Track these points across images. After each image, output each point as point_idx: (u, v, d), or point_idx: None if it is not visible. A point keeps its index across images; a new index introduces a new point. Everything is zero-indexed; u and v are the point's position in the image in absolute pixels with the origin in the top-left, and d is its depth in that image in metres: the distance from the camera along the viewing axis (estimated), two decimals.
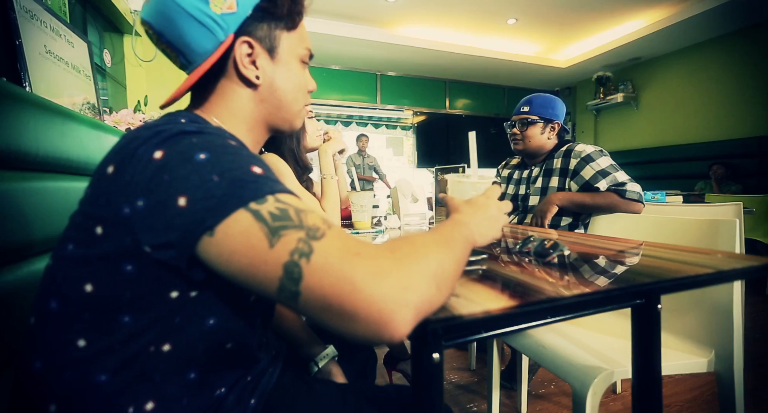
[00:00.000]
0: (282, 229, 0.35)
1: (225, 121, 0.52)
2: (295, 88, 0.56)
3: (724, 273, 0.54)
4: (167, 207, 0.36)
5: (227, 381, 0.48)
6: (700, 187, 3.74)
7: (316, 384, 0.63)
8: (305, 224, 0.36)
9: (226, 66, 0.51)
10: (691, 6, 3.54)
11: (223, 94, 0.53)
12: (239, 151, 0.40)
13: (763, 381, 1.49)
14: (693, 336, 0.89)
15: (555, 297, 0.44)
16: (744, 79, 3.77)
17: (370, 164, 4.81)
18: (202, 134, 0.40)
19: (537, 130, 1.47)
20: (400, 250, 0.36)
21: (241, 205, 0.35)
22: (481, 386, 1.53)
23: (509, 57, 4.60)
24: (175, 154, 0.38)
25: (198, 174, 0.36)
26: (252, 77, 0.52)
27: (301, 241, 0.34)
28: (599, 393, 0.75)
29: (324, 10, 3.59)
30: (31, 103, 0.68)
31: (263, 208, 0.36)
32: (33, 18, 1.15)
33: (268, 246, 0.34)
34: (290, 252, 0.33)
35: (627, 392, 1.43)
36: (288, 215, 0.36)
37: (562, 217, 1.39)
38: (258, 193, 0.37)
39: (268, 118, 0.56)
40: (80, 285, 0.39)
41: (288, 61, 0.55)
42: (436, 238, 0.41)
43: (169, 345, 0.41)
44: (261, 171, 0.39)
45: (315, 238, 0.34)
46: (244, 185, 0.37)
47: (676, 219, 0.99)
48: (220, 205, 0.35)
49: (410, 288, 0.33)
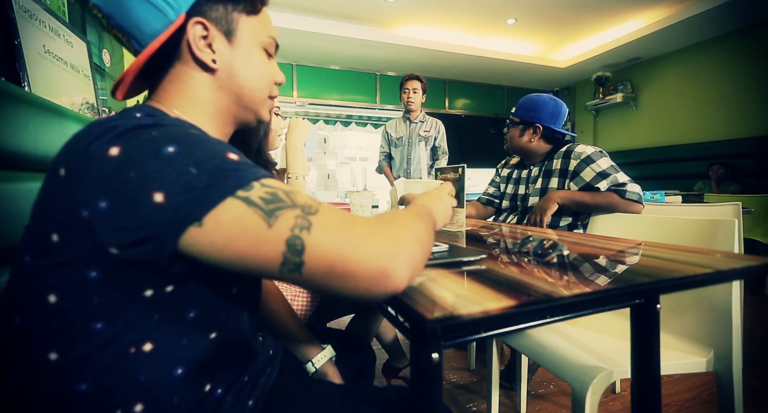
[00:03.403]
0: (277, 210, 0.36)
1: (186, 112, 0.50)
2: (256, 75, 0.54)
3: (723, 273, 0.54)
4: (140, 205, 0.34)
5: (222, 379, 0.47)
6: (699, 186, 3.74)
7: (314, 385, 0.62)
8: (298, 203, 0.37)
9: (181, 50, 0.49)
10: (690, 6, 3.54)
11: (180, 81, 0.50)
12: (207, 139, 0.40)
13: (762, 380, 1.49)
14: (692, 336, 0.89)
15: (554, 297, 0.44)
16: (743, 79, 3.78)
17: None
18: (161, 126, 0.39)
19: (516, 132, 1.50)
20: (386, 219, 0.41)
21: (228, 194, 0.35)
22: (480, 386, 1.53)
23: (509, 57, 4.60)
24: (137, 149, 0.36)
25: (172, 167, 0.35)
26: (208, 60, 0.49)
27: (299, 218, 0.36)
28: (598, 393, 0.75)
29: (323, 10, 3.59)
30: (30, 103, 0.68)
31: (252, 194, 0.36)
32: (32, 18, 1.15)
33: (267, 227, 0.35)
34: (290, 227, 0.35)
35: (626, 392, 1.43)
36: (279, 197, 0.37)
37: (562, 217, 1.39)
38: (242, 181, 0.37)
39: (231, 107, 0.54)
40: (43, 297, 0.38)
41: (248, 46, 0.52)
42: (411, 213, 0.47)
43: (151, 344, 0.40)
44: (237, 157, 0.39)
45: (311, 214, 0.37)
46: (226, 174, 0.36)
47: (675, 219, 0.99)
48: (206, 195, 0.35)
49: (401, 244, 0.37)
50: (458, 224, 1.11)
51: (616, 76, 4.98)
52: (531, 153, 1.50)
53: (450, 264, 0.61)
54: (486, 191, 1.74)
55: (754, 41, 3.68)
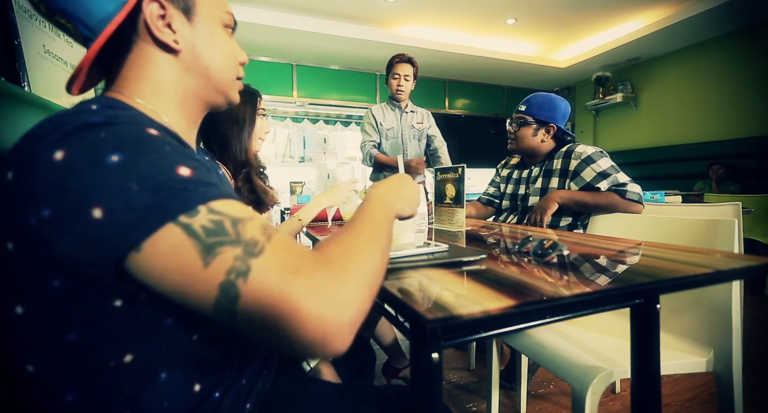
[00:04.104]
0: (217, 246, 0.32)
1: (149, 99, 0.46)
2: (222, 54, 0.51)
3: (723, 273, 0.54)
4: (78, 220, 0.32)
5: (218, 381, 0.46)
6: (699, 186, 3.74)
7: (312, 386, 0.62)
8: (242, 238, 0.33)
9: (138, 32, 0.45)
10: (690, 6, 3.54)
11: (141, 66, 0.46)
12: (160, 147, 0.36)
13: (761, 380, 1.49)
14: (692, 336, 0.89)
15: (554, 297, 0.44)
16: (743, 79, 3.78)
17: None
18: (112, 126, 0.35)
19: (529, 131, 1.45)
20: (336, 263, 0.35)
21: (168, 219, 0.32)
22: (480, 386, 1.53)
23: (509, 57, 4.60)
24: (80, 154, 0.33)
25: (113, 180, 0.32)
26: (170, 41, 0.46)
27: (237, 259, 0.32)
28: (598, 393, 0.75)
29: (323, 10, 3.59)
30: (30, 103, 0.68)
31: (195, 222, 0.32)
32: (32, 18, 1.15)
33: (202, 266, 0.31)
34: (226, 271, 0.31)
35: (626, 392, 1.43)
36: (223, 228, 0.33)
37: (562, 217, 1.39)
38: (188, 204, 0.33)
39: (199, 90, 0.50)
40: (10, 309, 0.35)
41: (209, 24, 0.49)
42: (366, 236, 0.41)
43: (131, 355, 0.38)
44: (189, 172, 0.35)
45: (252, 255, 0.32)
46: (170, 194, 0.33)
47: (675, 219, 0.99)
48: (144, 218, 0.32)
49: (348, 302, 0.33)
50: (458, 224, 1.11)
51: (616, 76, 4.98)
52: (537, 153, 1.49)
53: (450, 264, 0.61)
54: (486, 191, 1.74)
55: (754, 41, 3.68)
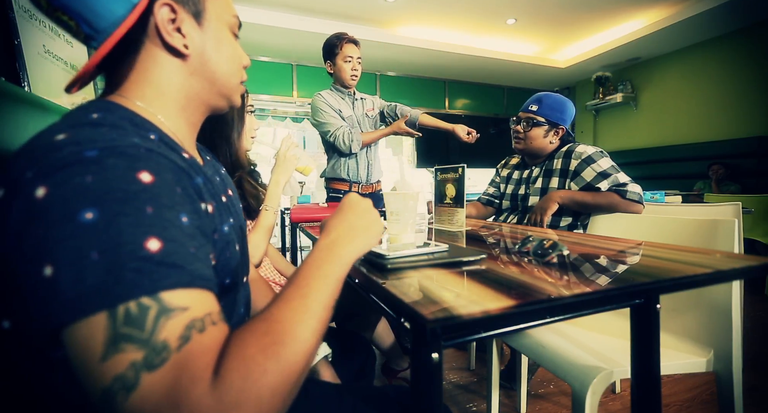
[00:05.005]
0: (123, 341, 0.29)
1: (151, 102, 0.46)
2: (229, 58, 0.51)
3: (723, 273, 0.54)
4: (29, 269, 0.30)
5: None
6: (699, 186, 3.74)
7: (311, 387, 0.62)
8: (153, 340, 0.30)
9: (146, 35, 0.44)
10: (690, 6, 3.54)
11: (146, 69, 0.45)
12: (142, 207, 0.33)
13: (761, 380, 1.49)
14: (692, 336, 0.89)
15: (554, 297, 0.44)
16: (743, 79, 3.77)
17: None
18: (102, 167, 0.33)
19: (540, 132, 1.44)
20: (233, 387, 0.29)
21: (105, 306, 0.29)
22: (480, 386, 1.53)
23: (508, 57, 4.59)
24: (59, 200, 0.31)
25: (76, 242, 0.30)
26: (180, 46, 0.45)
27: (131, 367, 0.29)
28: (598, 393, 0.75)
29: (323, 10, 3.59)
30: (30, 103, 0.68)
31: (123, 307, 0.30)
32: (32, 18, 1.15)
33: (99, 358, 0.29)
34: (114, 377, 0.28)
35: (626, 391, 1.43)
36: (142, 322, 0.30)
37: (562, 217, 1.39)
38: (133, 292, 0.30)
39: (203, 94, 0.50)
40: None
41: (218, 28, 0.49)
42: (311, 314, 0.36)
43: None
44: (159, 245, 0.32)
45: (149, 367, 0.29)
46: (121, 276, 0.30)
47: (675, 219, 1.00)
48: (83, 298, 0.29)
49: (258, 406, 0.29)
50: (458, 224, 1.11)
51: (616, 76, 4.98)
52: (542, 153, 1.48)
53: (450, 264, 0.61)
54: (486, 191, 1.74)
55: (754, 41, 3.68)
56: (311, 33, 3.71)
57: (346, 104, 2.00)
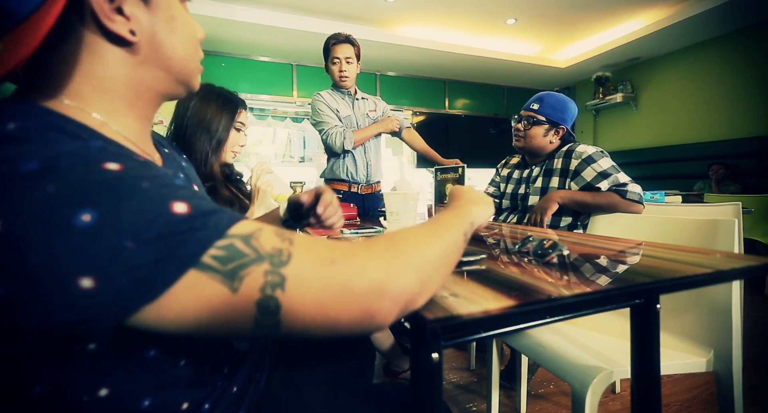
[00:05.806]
0: (240, 269, 0.30)
1: (90, 103, 0.37)
2: (185, 40, 0.42)
3: (723, 273, 0.54)
4: (60, 292, 0.26)
5: (208, 393, 0.44)
6: (699, 186, 3.74)
7: (306, 389, 0.61)
8: (264, 253, 0.31)
9: (80, 21, 0.35)
10: (690, 6, 3.54)
11: (79, 62, 0.36)
12: (136, 185, 0.29)
13: (761, 380, 1.49)
14: (692, 336, 0.89)
15: (554, 297, 0.44)
16: (743, 79, 3.77)
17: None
18: (56, 173, 0.27)
19: (540, 131, 1.45)
20: (376, 246, 0.35)
21: (186, 267, 0.29)
22: (480, 386, 1.53)
23: (509, 57, 4.59)
24: (30, 221, 0.26)
25: (98, 246, 0.26)
26: (125, 33, 0.37)
27: (268, 274, 0.30)
28: (598, 393, 0.75)
29: (323, 10, 3.59)
30: None
31: (206, 256, 0.29)
32: None
33: (230, 293, 0.29)
34: (260, 288, 0.30)
35: (626, 392, 1.43)
36: (238, 251, 0.30)
37: (562, 218, 1.39)
38: (204, 244, 0.29)
39: (156, 85, 0.42)
40: None
41: (168, 3, 0.40)
42: (422, 232, 0.41)
43: (106, 389, 0.34)
44: (185, 206, 0.30)
45: (282, 264, 0.31)
46: (179, 241, 0.29)
47: (675, 219, 1.00)
48: (157, 273, 0.28)
49: (389, 280, 0.33)
50: None
51: (616, 76, 4.98)
52: (542, 152, 1.49)
53: None
54: (486, 191, 1.74)
55: (754, 41, 3.68)
56: (311, 33, 3.71)
57: (345, 104, 1.99)
